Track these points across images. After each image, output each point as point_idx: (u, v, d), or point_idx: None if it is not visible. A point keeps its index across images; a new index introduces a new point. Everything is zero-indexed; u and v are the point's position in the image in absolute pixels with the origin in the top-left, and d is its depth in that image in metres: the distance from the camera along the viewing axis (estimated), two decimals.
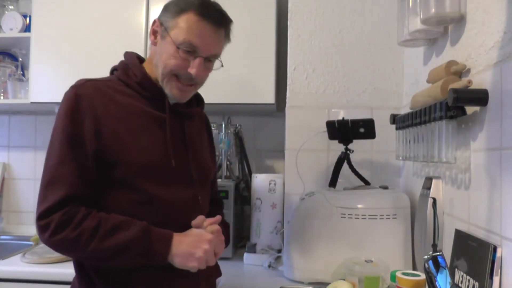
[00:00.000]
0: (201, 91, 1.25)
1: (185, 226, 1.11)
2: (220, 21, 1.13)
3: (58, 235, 0.99)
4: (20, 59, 2.29)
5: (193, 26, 1.09)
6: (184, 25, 1.09)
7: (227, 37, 1.18)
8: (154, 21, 1.16)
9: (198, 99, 1.29)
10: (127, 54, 1.21)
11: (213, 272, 1.25)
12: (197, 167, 1.19)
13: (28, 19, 2.11)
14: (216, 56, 1.16)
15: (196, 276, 1.10)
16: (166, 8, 1.15)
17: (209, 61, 1.15)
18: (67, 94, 1.09)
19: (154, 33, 1.16)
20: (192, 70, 1.11)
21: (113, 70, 1.21)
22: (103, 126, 1.05)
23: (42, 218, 1.00)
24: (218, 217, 1.16)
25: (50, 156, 1.05)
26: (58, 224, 0.99)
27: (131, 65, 1.17)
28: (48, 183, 1.02)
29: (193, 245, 1.06)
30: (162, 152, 1.11)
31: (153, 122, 1.13)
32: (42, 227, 1.00)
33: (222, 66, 1.18)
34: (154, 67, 1.15)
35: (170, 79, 1.12)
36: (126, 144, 1.07)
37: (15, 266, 1.62)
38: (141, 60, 1.21)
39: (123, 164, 1.06)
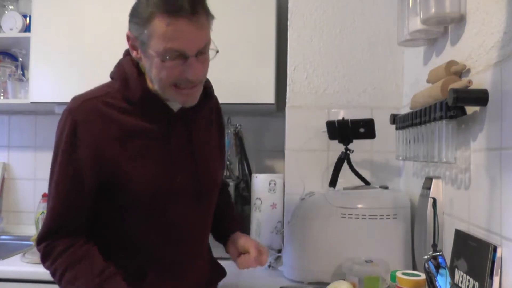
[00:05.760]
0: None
1: (189, 242, 1.16)
2: (191, 8, 0.96)
3: (44, 263, 1.07)
4: (20, 59, 2.28)
5: (167, 31, 0.96)
6: (158, 33, 0.96)
7: (208, 16, 1.02)
8: (128, 36, 1.05)
9: (205, 91, 1.16)
10: (125, 61, 1.11)
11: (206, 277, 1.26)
12: (207, 177, 1.17)
13: (28, 19, 2.11)
14: (207, 45, 1.03)
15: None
16: (131, 20, 1.02)
17: (202, 53, 1.02)
18: (62, 118, 1.05)
19: (134, 48, 1.05)
20: (188, 75, 1.01)
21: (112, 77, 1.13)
22: (103, 152, 1.03)
23: (37, 244, 1.08)
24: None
25: (50, 182, 1.07)
26: (43, 254, 1.07)
27: (130, 78, 1.08)
28: (47, 209, 1.07)
29: None
30: (166, 170, 1.09)
31: (156, 140, 1.08)
32: (39, 251, 1.09)
33: (218, 52, 1.06)
34: (150, 81, 1.07)
35: (170, 90, 1.04)
36: (126, 171, 1.04)
37: (15, 266, 1.61)
38: (139, 67, 1.10)
39: (124, 191, 1.06)
